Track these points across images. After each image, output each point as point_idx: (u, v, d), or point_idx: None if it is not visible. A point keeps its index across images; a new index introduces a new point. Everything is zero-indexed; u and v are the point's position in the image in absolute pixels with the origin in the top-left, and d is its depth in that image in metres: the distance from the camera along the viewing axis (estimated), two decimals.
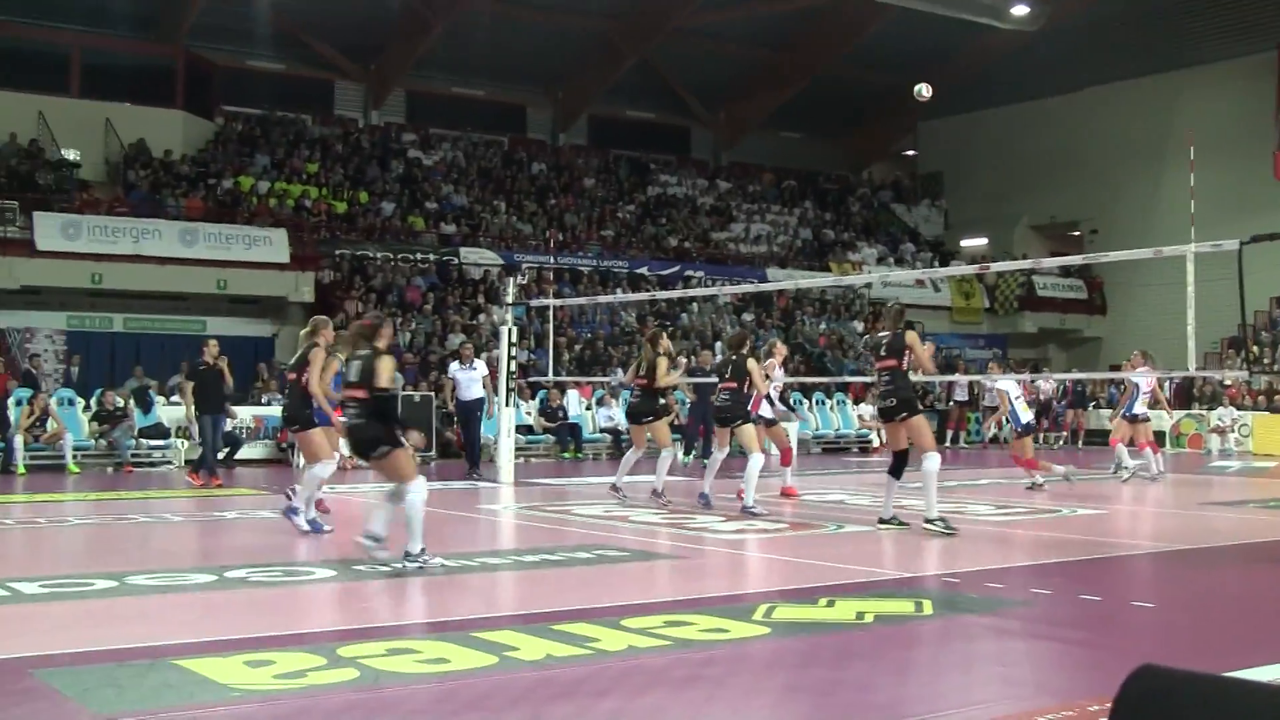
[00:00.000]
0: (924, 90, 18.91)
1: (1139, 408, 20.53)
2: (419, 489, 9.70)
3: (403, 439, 9.88)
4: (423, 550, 9.62)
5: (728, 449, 15.09)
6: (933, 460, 12.22)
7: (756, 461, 14.41)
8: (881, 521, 12.57)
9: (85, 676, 6.19)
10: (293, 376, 12.21)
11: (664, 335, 16.39)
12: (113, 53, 34.84)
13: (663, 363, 15.75)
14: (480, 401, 20.46)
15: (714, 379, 15.42)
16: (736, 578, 10.13)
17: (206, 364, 18.48)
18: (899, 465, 12.66)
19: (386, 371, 9.68)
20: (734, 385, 14.73)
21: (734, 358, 14.84)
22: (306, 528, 11.95)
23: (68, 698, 5.81)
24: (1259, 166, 35.62)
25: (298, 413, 12.10)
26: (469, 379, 20.31)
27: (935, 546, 11.60)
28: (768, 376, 16.07)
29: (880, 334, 12.90)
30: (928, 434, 12.67)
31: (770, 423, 16.74)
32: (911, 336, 12.59)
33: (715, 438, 16.03)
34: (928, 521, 12.10)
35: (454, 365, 21.02)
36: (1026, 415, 18.85)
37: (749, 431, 14.75)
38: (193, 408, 19.08)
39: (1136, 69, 40.40)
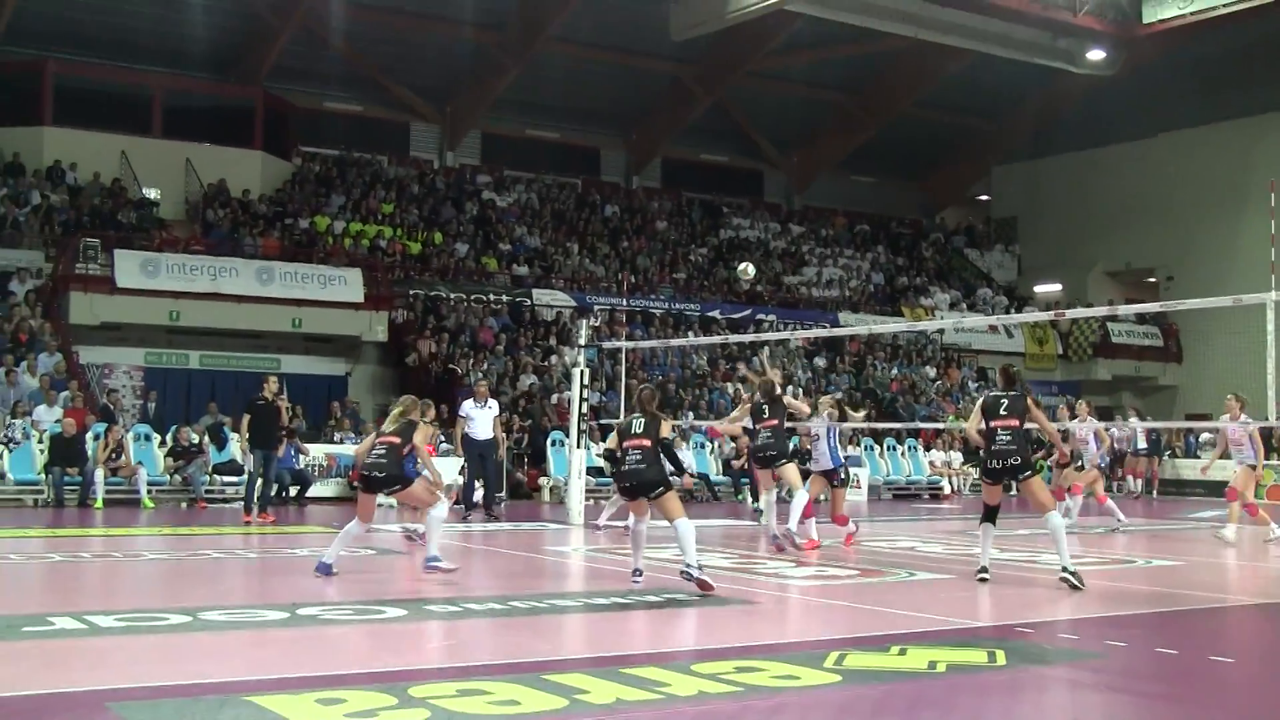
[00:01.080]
0: (748, 269, 19.36)
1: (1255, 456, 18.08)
2: (686, 524, 11.09)
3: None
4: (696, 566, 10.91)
5: (774, 489, 15.04)
6: (1056, 517, 12.21)
7: (801, 498, 14.60)
8: (982, 570, 12.36)
9: (160, 711, 6.25)
10: (396, 440, 12.09)
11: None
12: (193, 94, 35.49)
13: (797, 402, 15.82)
14: (493, 442, 20.31)
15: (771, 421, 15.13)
16: (808, 624, 10.06)
17: (265, 400, 18.73)
18: (991, 515, 12.46)
19: (666, 428, 11.53)
20: (774, 424, 14.72)
21: (772, 397, 14.91)
22: (451, 566, 12.06)
23: None
24: None
25: (397, 473, 12.08)
26: (484, 417, 20.09)
27: (1008, 596, 11.48)
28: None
29: (997, 394, 12.59)
30: (1046, 492, 12.54)
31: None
32: (1033, 401, 12.53)
33: (759, 481, 15.91)
34: (1067, 571, 11.94)
35: (468, 403, 20.34)
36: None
37: (791, 470, 14.75)
38: (246, 441, 19.21)
39: (1214, 114, 40.07)
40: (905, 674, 7.58)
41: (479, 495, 20.59)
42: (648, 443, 11.27)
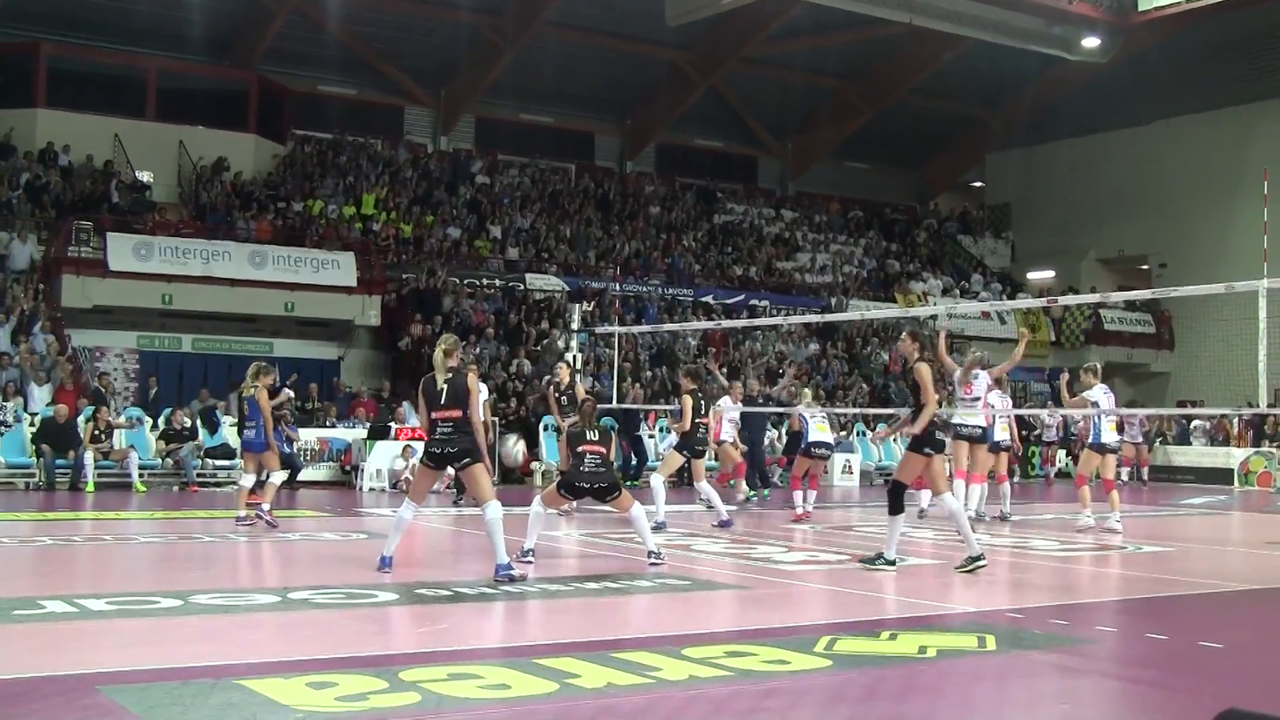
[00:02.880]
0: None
1: (1107, 435, 17.04)
2: (638, 509, 12.09)
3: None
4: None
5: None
6: (949, 499, 11.94)
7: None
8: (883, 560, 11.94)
9: (151, 694, 6.25)
10: (457, 413, 10.80)
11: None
12: (188, 76, 35.34)
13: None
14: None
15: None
16: (798, 609, 10.08)
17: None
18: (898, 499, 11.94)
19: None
20: (705, 420, 16.61)
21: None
22: (521, 573, 11.00)
23: (133, 714, 5.87)
24: None
25: (470, 446, 10.83)
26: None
27: (999, 581, 11.50)
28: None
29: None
30: (944, 475, 12.23)
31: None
32: (924, 370, 11.83)
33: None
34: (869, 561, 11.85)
35: None
36: (1110, 435, 17.07)
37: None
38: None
39: (1208, 102, 40.10)
40: (896, 659, 7.60)
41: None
42: (604, 450, 12.06)
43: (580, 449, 12.04)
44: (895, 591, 10.79)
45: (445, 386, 10.81)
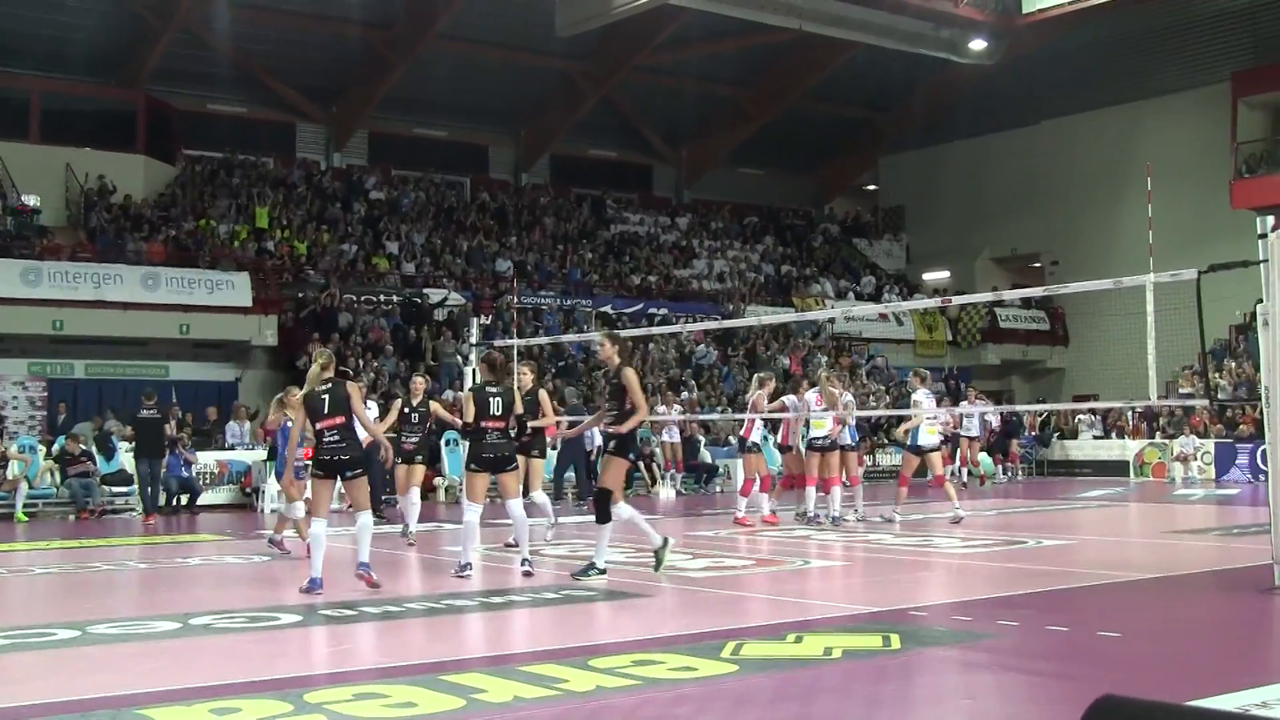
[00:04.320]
0: None
1: (924, 438, 18.25)
2: (517, 504, 12.29)
3: None
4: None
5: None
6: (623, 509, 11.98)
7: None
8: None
9: None
10: (340, 419, 11.21)
11: None
12: (72, 97, 34.71)
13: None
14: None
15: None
16: (704, 615, 10.11)
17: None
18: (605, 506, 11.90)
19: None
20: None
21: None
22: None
23: None
24: (1216, 196, 35.88)
25: (359, 455, 11.38)
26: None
27: (903, 580, 11.60)
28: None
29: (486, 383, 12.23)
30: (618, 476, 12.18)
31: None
32: (630, 375, 11.94)
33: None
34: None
35: None
36: (928, 438, 18.25)
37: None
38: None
39: (1094, 101, 40.88)
40: (802, 661, 7.65)
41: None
42: (503, 425, 11.99)
43: (484, 424, 11.92)
44: (800, 594, 10.85)
45: (327, 397, 11.17)
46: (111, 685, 7.21)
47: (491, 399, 11.91)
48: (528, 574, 11.78)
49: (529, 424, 13.76)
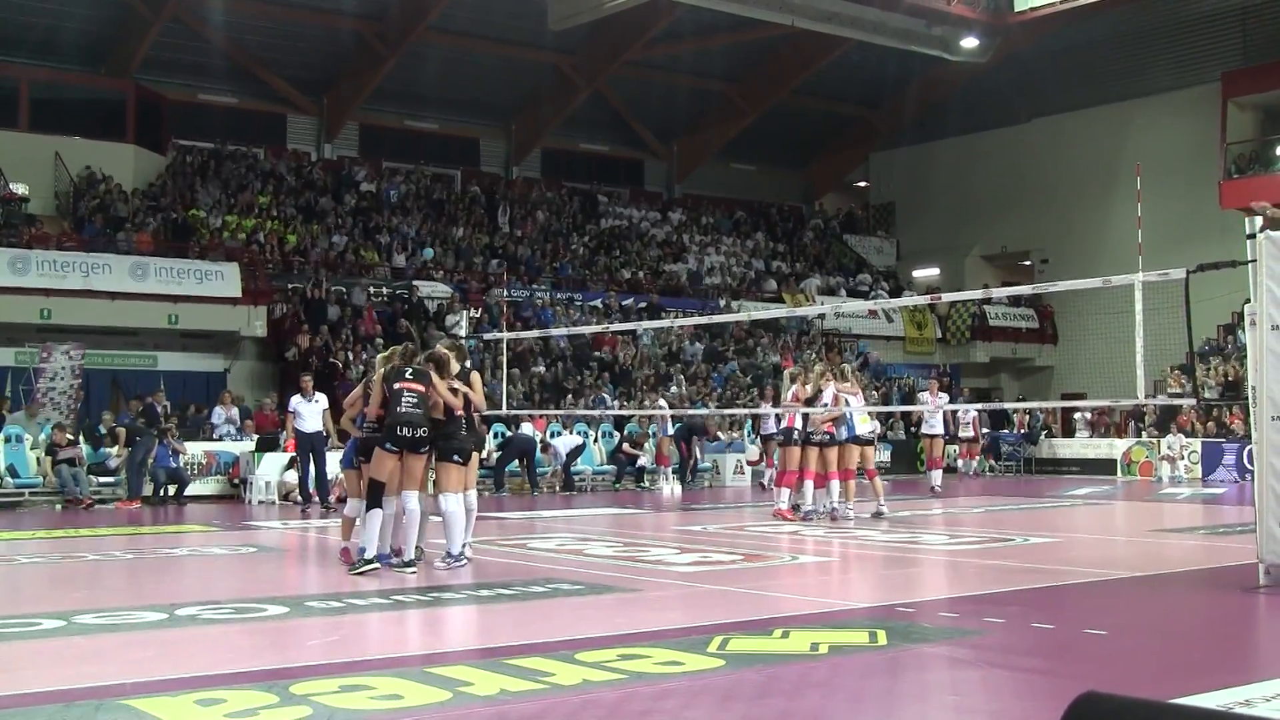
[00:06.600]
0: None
1: (861, 427, 18.49)
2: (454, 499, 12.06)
3: None
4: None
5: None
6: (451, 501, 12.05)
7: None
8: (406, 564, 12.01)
9: (33, 718, 6.12)
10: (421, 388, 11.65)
11: None
12: (62, 86, 34.62)
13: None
14: (322, 435, 20.39)
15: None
16: (691, 610, 10.11)
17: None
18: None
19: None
20: None
21: None
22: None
23: None
24: (1205, 196, 35.96)
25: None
26: (310, 412, 20.41)
27: (890, 577, 11.62)
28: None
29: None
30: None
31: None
32: (474, 377, 12.25)
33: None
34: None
35: (295, 398, 20.80)
36: (863, 426, 18.44)
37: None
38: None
39: (1085, 100, 40.95)
40: (788, 656, 7.66)
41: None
42: (421, 389, 11.60)
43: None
44: (787, 590, 10.86)
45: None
46: (97, 675, 7.19)
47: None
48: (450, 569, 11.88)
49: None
